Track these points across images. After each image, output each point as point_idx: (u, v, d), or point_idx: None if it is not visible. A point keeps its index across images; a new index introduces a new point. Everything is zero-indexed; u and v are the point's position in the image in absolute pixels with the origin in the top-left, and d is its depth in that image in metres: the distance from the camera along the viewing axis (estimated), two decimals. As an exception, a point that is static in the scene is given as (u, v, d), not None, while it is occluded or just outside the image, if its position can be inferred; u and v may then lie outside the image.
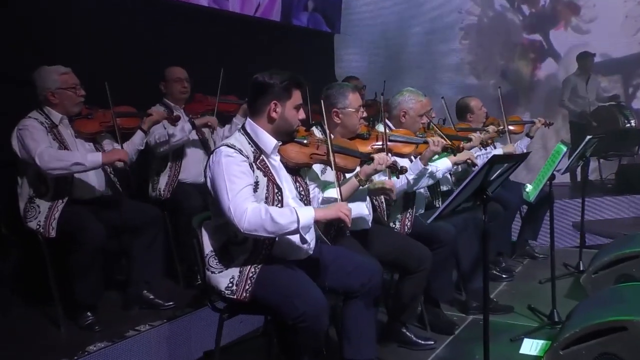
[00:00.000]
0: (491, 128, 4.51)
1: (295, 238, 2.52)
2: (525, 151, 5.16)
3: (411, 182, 3.38)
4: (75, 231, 3.08)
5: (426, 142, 3.37)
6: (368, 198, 3.22)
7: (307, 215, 2.42)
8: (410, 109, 3.69)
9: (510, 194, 4.65)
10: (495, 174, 2.51)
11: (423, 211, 3.73)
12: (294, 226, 2.39)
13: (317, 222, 2.50)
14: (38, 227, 3.14)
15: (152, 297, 3.43)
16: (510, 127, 5.18)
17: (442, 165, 3.58)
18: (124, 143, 3.60)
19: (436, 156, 3.60)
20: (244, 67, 2.67)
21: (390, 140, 3.24)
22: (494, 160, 2.37)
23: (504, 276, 4.60)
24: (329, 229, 2.98)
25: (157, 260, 3.47)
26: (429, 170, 3.45)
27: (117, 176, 3.55)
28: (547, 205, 4.05)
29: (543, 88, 7.95)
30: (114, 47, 4.43)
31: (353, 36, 8.03)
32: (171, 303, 3.44)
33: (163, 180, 3.97)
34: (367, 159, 2.92)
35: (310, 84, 3.26)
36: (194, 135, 4.04)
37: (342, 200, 2.79)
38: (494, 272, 4.58)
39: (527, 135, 5.18)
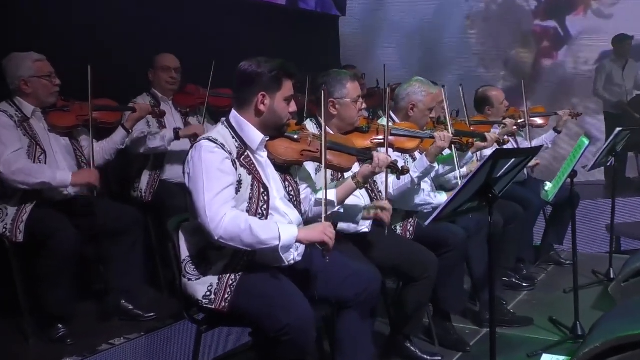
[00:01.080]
0: (509, 121, 4.45)
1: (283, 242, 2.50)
2: (550, 146, 5.14)
3: (416, 181, 3.35)
4: (45, 235, 3.09)
5: (432, 137, 3.34)
6: (366, 195, 3.21)
7: (290, 234, 2.41)
8: (419, 101, 3.65)
9: (532, 193, 4.61)
10: (503, 171, 2.48)
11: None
12: (274, 243, 2.39)
13: (298, 242, 2.50)
14: (4, 230, 3.15)
15: (131, 307, 3.43)
16: (534, 120, 5.15)
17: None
18: (104, 140, 3.61)
19: (447, 152, 3.59)
20: (244, 55, 2.65)
21: (392, 134, 3.22)
22: (498, 155, 2.34)
23: (524, 285, 4.57)
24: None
25: (137, 267, 3.48)
26: (436, 169, 3.42)
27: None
28: (572, 204, 4.00)
29: (557, 78, 7.88)
30: (96, 34, 4.44)
31: (361, 21, 8.04)
32: (152, 314, 3.44)
33: (144, 179, 3.98)
34: (365, 157, 2.91)
35: (313, 73, 3.27)
36: (175, 147, 4.00)
37: (337, 203, 2.79)
38: (514, 280, 4.54)
39: (555, 129, 5.15)
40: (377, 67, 5.62)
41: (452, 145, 3.40)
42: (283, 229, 2.40)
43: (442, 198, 3.58)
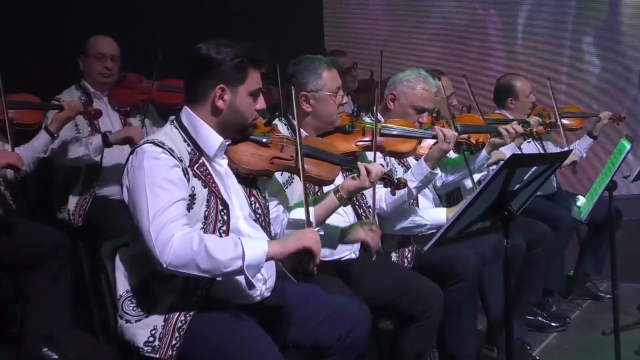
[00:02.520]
0: (534, 119, 4.47)
1: (242, 278, 2.48)
2: (584, 155, 5.19)
3: (413, 192, 3.36)
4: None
5: (433, 137, 3.35)
6: (352, 212, 3.20)
7: (258, 249, 2.38)
8: (402, 93, 3.68)
9: (561, 209, 4.63)
10: (522, 182, 2.48)
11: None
12: (238, 264, 2.35)
13: (271, 260, 2.47)
14: None
15: (55, 357, 3.39)
16: (565, 122, 5.19)
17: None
18: (22, 146, 3.58)
19: (453, 155, 3.60)
20: (200, 37, 2.64)
21: (382, 135, 3.22)
22: (514, 162, 2.34)
23: (553, 325, 4.57)
24: (296, 264, 2.96)
25: (63, 305, 3.45)
26: (438, 176, 3.44)
27: (10, 189, 3.53)
28: (613, 224, 4.02)
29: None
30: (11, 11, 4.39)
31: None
32: (82, 365, 3.42)
33: (73, 198, 3.94)
34: (350, 166, 2.90)
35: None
36: (114, 156, 3.96)
37: (314, 225, 2.78)
38: (540, 319, 4.54)
39: (590, 134, 5.19)
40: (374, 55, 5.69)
41: (460, 147, 3.43)
42: (248, 245, 2.37)
43: (439, 216, 3.57)
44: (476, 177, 4.20)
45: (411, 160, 3.70)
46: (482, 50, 7.74)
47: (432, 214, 3.58)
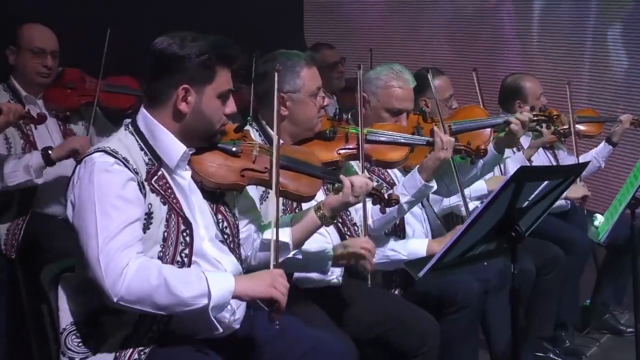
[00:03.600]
0: (546, 112, 4.51)
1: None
2: (602, 165, 5.22)
3: (405, 208, 3.37)
4: None
5: (428, 143, 3.37)
6: (335, 232, 3.21)
7: (224, 286, 2.40)
8: (372, 94, 3.68)
9: (576, 230, 4.66)
10: (531, 199, 2.50)
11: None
12: (202, 302, 2.36)
13: (236, 299, 2.48)
14: None
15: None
16: (580, 127, 5.23)
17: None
18: None
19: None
20: (158, 28, 2.64)
21: (369, 141, 3.23)
22: (524, 176, 2.37)
23: (567, 362, 4.60)
24: None
25: (-2, 339, 3.43)
26: (434, 189, 3.45)
27: None
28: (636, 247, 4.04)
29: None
30: None
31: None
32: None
33: (3, 225, 3.86)
34: (333, 179, 2.92)
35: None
36: (49, 174, 3.84)
37: (293, 246, 2.79)
38: (552, 355, 4.54)
39: (609, 140, 5.23)
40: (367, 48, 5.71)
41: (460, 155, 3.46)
42: (214, 281, 2.37)
43: (418, 249, 3.54)
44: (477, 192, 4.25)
45: (394, 172, 3.71)
46: (493, 44, 7.70)
47: (410, 246, 3.56)
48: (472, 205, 4.10)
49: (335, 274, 3.17)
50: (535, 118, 3.94)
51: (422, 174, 3.38)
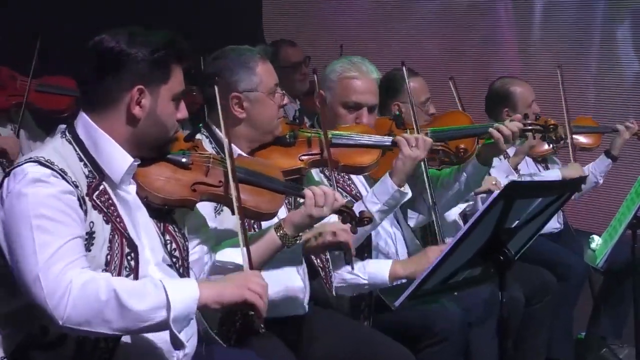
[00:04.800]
0: (540, 120, 4.56)
1: (162, 337, 2.48)
2: (600, 181, 5.27)
3: (377, 219, 3.39)
4: None
5: (394, 144, 3.41)
6: (304, 261, 3.22)
7: (187, 294, 2.37)
8: (328, 90, 3.70)
9: (570, 253, 4.73)
10: (522, 218, 2.53)
11: None
12: (161, 315, 2.33)
13: (203, 309, 2.48)
14: None
15: None
16: (578, 138, 5.28)
17: None
18: None
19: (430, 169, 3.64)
20: (97, 23, 2.64)
21: (334, 145, 3.27)
22: (513, 192, 2.39)
23: (560, 402, 4.64)
24: (228, 320, 2.96)
25: None
26: (409, 196, 3.47)
27: None
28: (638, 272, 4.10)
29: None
30: None
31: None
32: None
33: None
34: (298, 194, 2.93)
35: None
36: None
37: (250, 268, 2.79)
38: (542, 395, 4.61)
39: (608, 153, 5.30)
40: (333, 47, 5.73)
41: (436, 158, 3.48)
42: (174, 289, 2.35)
43: (380, 273, 3.51)
44: (461, 207, 4.27)
45: (358, 181, 3.73)
46: (486, 42, 7.69)
47: (370, 268, 3.52)
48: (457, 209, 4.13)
49: (302, 301, 3.17)
50: (529, 127, 3.94)
51: (394, 178, 3.40)
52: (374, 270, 3.51)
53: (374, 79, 3.74)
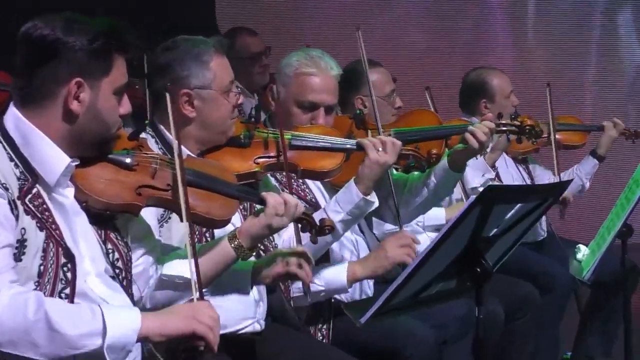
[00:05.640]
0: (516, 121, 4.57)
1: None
2: (587, 184, 5.31)
3: (339, 229, 3.38)
4: None
5: (359, 147, 3.39)
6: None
7: (126, 323, 2.37)
8: (282, 86, 3.68)
9: (554, 264, 4.76)
10: (501, 225, 2.54)
11: None
12: (95, 343, 2.32)
13: (145, 341, 2.48)
14: None
15: None
16: (559, 136, 5.31)
17: None
18: None
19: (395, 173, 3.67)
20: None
21: (293, 147, 3.28)
22: (492, 196, 2.39)
23: None
24: (176, 348, 2.95)
25: None
26: (375, 205, 3.46)
27: None
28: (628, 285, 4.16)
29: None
30: None
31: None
32: None
33: None
34: (254, 199, 2.93)
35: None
36: None
37: (201, 286, 2.77)
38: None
39: (594, 154, 5.35)
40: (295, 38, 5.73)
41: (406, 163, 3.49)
42: (113, 316, 2.35)
43: (337, 278, 3.51)
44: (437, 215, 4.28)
45: (314, 186, 3.73)
46: (478, 31, 7.76)
47: (327, 274, 3.51)
48: (425, 238, 4.13)
49: (256, 318, 3.17)
50: (502, 128, 3.93)
51: (359, 185, 3.39)
52: (330, 276, 3.51)
53: (333, 76, 3.71)
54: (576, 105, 6.47)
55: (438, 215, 4.14)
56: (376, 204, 3.46)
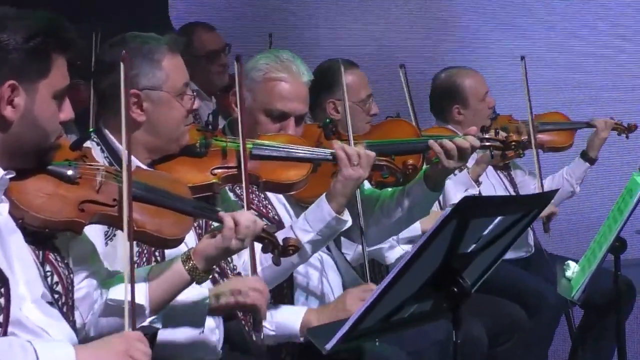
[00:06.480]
0: (500, 136, 4.58)
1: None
2: (577, 189, 5.33)
3: (307, 250, 3.40)
4: None
5: (335, 158, 3.40)
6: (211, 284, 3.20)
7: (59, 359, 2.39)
8: (249, 91, 3.65)
9: (544, 283, 4.77)
10: (480, 241, 2.54)
11: None
12: None
13: None
14: None
15: None
16: (543, 137, 5.33)
17: None
18: None
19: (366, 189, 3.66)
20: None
21: (255, 157, 3.28)
22: (469, 208, 2.40)
23: None
24: None
25: None
26: (348, 224, 3.47)
27: None
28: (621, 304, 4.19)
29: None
30: None
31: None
32: None
33: None
34: (210, 217, 2.94)
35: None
36: None
37: (151, 310, 2.79)
38: None
39: (584, 155, 5.38)
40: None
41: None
42: (45, 353, 2.36)
43: (290, 322, 3.53)
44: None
45: (277, 201, 3.72)
46: (456, 19, 7.69)
47: (280, 317, 3.53)
48: (399, 251, 4.13)
49: (211, 347, 3.17)
50: (486, 144, 3.87)
51: (331, 203, 3.40)
52: (283, 320, 3.53)
53: (304, 83, 3.70)
54: (579, 108, 6.47)
55: (413, 226, 4.10)
56: (349, 223, 3.47)
